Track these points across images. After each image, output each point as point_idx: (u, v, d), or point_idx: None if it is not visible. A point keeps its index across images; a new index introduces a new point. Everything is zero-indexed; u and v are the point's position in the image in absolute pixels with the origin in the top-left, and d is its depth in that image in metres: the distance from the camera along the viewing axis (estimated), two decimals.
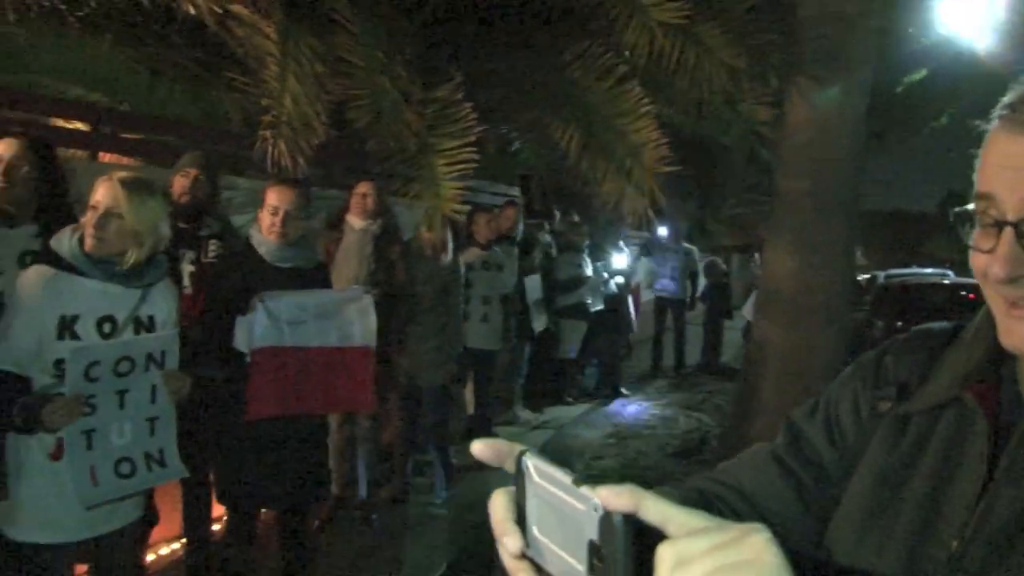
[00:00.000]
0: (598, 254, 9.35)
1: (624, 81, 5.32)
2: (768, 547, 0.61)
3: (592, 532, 0.66)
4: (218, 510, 4.23)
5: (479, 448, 0.77)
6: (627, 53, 5.19)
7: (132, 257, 2.84)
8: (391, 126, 4.43)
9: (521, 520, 0.74)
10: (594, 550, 0.66)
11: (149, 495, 3.28)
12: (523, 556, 0.74)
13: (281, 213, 3.64)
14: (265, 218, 3.68)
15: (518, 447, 0.75)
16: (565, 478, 0.68)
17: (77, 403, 2.67)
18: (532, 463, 0.72)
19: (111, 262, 2.82)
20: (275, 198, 3.67)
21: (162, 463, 2.98)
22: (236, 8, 4.47)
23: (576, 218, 9.40)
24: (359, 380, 3.89)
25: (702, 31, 5.13)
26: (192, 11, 4.40)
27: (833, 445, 1.09)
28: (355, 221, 5.05)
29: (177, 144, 5.31)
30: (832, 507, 1.04)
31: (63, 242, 2.78)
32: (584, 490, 0.66)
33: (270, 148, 4.18)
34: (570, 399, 9.25)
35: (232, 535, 3.88)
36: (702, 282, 12.38)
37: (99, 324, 2.80)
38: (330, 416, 4.56)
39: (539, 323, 7.96)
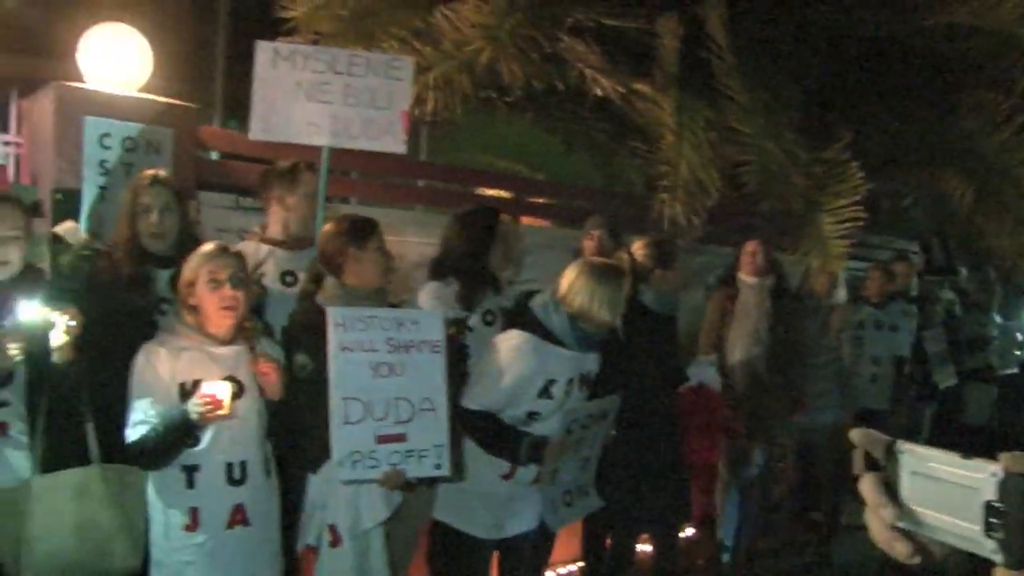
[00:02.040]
0: (1011, 312, 8.61)
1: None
2: None
3: (990, 494, 0.80)
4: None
5: (857, 434, 0.95)
6: None
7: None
8: (779, 187, 4.67)
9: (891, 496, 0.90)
10: (991, 510, 0.80)
11: None
12: (895, 527, 0.90)
13: None
14: None
15: (887, 437, 0.93)
16: (951, 455, 0.84)
17: (563, 449, 3.34)
18: (907, 447, 0.89)
19: (592, 335, 3.40)
20: None
21: (586, 494, 3.65)
22: (638, 86, 5.02)
23: (990, 274, 8.70)
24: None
25: None
26: (600, 92, 5.03)
27: None
28: (747, 278, 5.30)
29: (586, 208, 5.99)
30: None
31: (551, 316, 3.35)
32: (978, 460, 0.81)
33: (668, 210, 4.62)
34: None
35: (615, 559, 4.32)
36: None
37: (567, 384, 3.40)
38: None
39: (943, 378, 7.31)
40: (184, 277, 2.96)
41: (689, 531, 5.47)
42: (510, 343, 3.33)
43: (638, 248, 4.20)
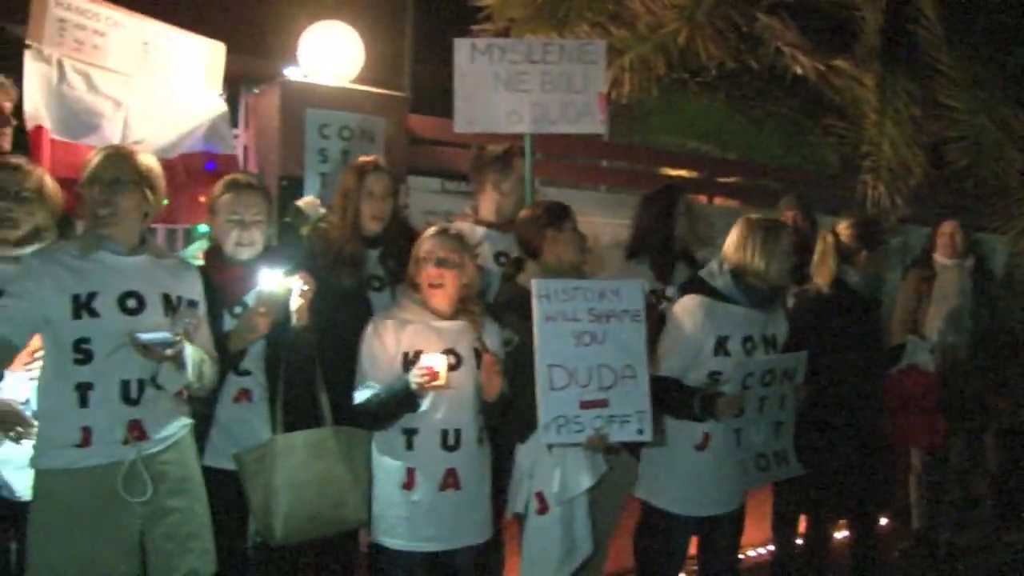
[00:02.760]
0: None
1: None
2: None
3: None
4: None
5: None
6: None
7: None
8: (992, 164, 4.46)
9: None
10: None
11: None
12: None
13: None
14: None
15: None
16: None
17: (737, 402, 3.35)
18: None
19: (758, 290, 3.47)
20: None
21: (786, 461, 3.60)
22: (837, 63, 4.90)
23: None
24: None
25: None
26: (798, 69, 4.94)
27: None
28: (943, 260, 5.11)
29: (777, 188, 5.89)
30: None
31: (716, 276, 3.50)
32: None
33: (870, 190, 4.49)
34: None
35: (811, 544, 4.25)
36: None
37: (743, 343, 3.46)
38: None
39: None
40: (412, 255, 3.19)
41: (883, 520, 5.29)
42: (680, 306, 3.49)
43: (844, 228, 4.10)
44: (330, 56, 4.35)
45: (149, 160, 2.87)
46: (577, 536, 3.24)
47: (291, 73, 4.35)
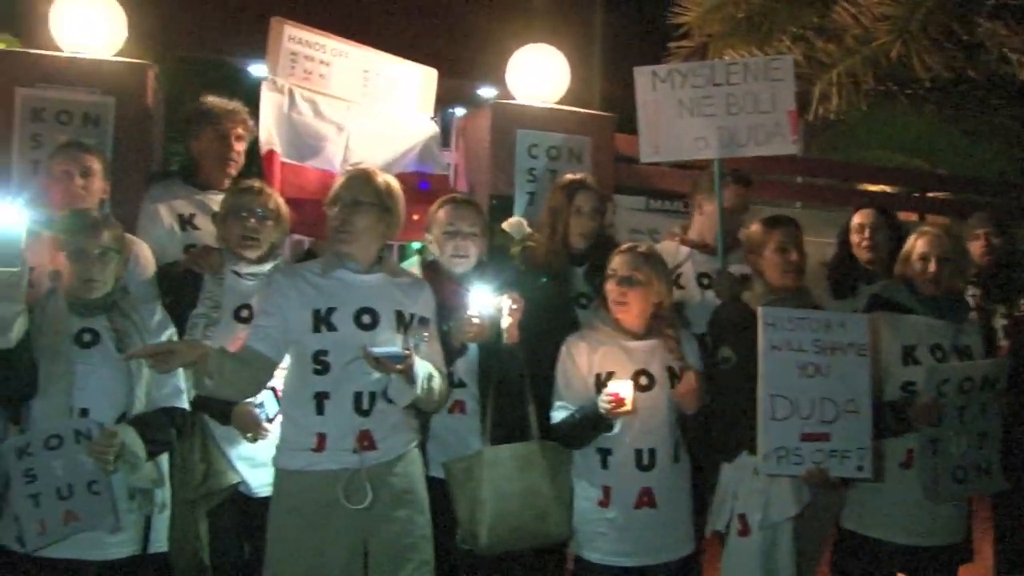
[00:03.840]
0: None
1: None
2: None
3: None
4: None
5: None
6: None
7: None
8: None
9: None
10: None
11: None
12: None
13: None
14: None
15: None
16: None
17: (932, 409, 3.19)
18: None
19: (934, 298, 3.38)
20: None
21: (988, 473, 3.38)
22: None
23: None
24: None
25: None
26: None
27: None
28: None
29: (995, 204, 5.55)
30: None
31: (892, 288, 3.48)
32: None
33: None
34: None
35: None
36: None
37: (932, 351, 3.35)
38: None
39: None
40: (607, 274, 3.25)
41: None
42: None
43: None
44: (536, 78, 4.47)
45: (390, 182, 3.02)
46: (780, 565, 3.17)
47: (495, 95, 4.49)
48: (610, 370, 3.11)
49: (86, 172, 3.23)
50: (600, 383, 3.09)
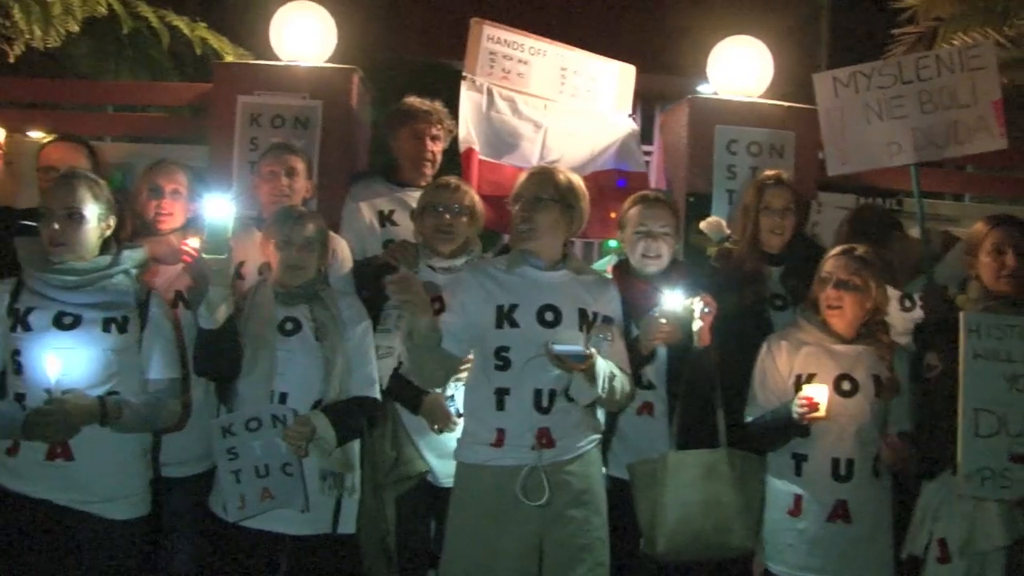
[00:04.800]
0: None
1: None
2: None
3: None
4: None
5: None
6: None
7: None
8: None
9: None
10: None
11: None
12: None
13: None
14: None
15: None
16: None
17: None
18: None
19: None
20: None
21: None
22: None
23: None
24: None
25: None
26: None
27: None
28: None
29: None
30: None
31: None
32: None
33: None
34: None
35: None
36: None
37: None
38: None
39: None
40: (816, 274, 3.09)
41: None
42: None
43: None
44: (739, 71, 4.31)
45: (572, 179, 2.99)
46: None
47: (703, 90, 4.37)
48: (812, 371, 3.01)
49: (291, 172, 3.42)
50: (800, 384, 2.97)
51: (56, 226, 2.73)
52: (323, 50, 4.14)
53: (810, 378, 2.96)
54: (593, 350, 2.74)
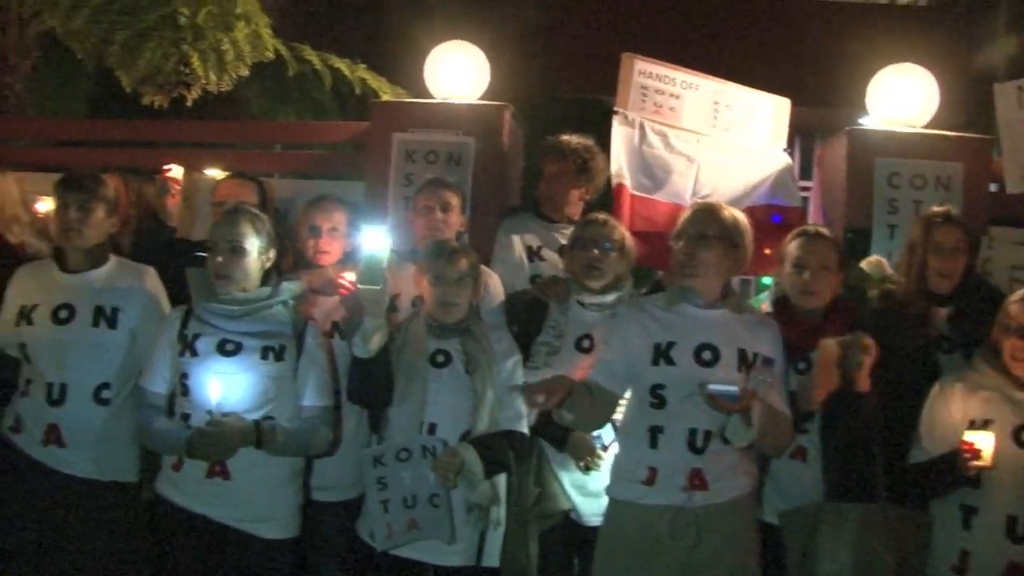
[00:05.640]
0: None
1: None
2: None
3: None
4: None
5: None
6: None
7: None
8: None
9: None
10: None
11: None
12: None
13: None
14: None
15: None
16: None
17: None
18: None
19: None
20: None
21: None
22: None
23: None
24: None
25: None
26: None
27: None
28: None
29: None
30: None
31: None
32: None
33: None
34: None
35: None
36: None
37: None
38: None
39: None
40: (997, 319, 2.92)
41: None
42: None
43: None
44: (902, 101, 4.14)
45: (737, 217, 2.93)
46: None
47: (864, 122, 4.22)
48: (988, 418, 2.82)
49: (445, 207, 3.48)
50: (975, 428, 2.80)
51: (220, 259, 2.88)
52: (476, 88, 4.24)
53: (985, 424, 2.78)
54: (750, 391, 2.65)
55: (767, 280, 3.95)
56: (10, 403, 3.06)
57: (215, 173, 4.26)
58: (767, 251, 3.52)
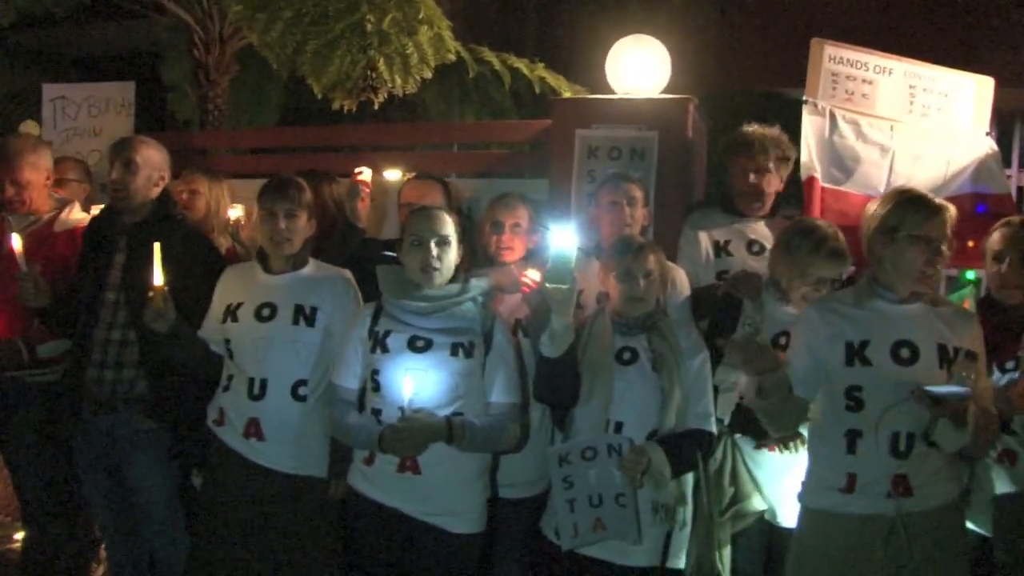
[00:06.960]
0: None
1: None
2: None
3: None
4: None
5: None
6: None
7: None
8: None
9: None
10: None
11: None
12: None
13: None
14: None
15: None
16: None
17: None
18: None
19: None
20: None
21: None
22: None
23: None
24: None
25: None
26: None
27: None
28: None
29: None
30: None
31: None
32: None
33: None
34: None
35: None
36: None
37: None
38: None
39: None
40: None
41: None
42: None
43: None
44: None
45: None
46: None
47: None
48: None
49: (631, 201, 3.44)
50: None
51: (433, 252, 2.92)
52: (658, 82, 4.17)
53: None
54: (968, 389, 2.45)
55: (971, 274, 3.69)
56: (214, 398, 3.23)
57: (397, 175, 4.39)
58: (971, 243, 3.32)
